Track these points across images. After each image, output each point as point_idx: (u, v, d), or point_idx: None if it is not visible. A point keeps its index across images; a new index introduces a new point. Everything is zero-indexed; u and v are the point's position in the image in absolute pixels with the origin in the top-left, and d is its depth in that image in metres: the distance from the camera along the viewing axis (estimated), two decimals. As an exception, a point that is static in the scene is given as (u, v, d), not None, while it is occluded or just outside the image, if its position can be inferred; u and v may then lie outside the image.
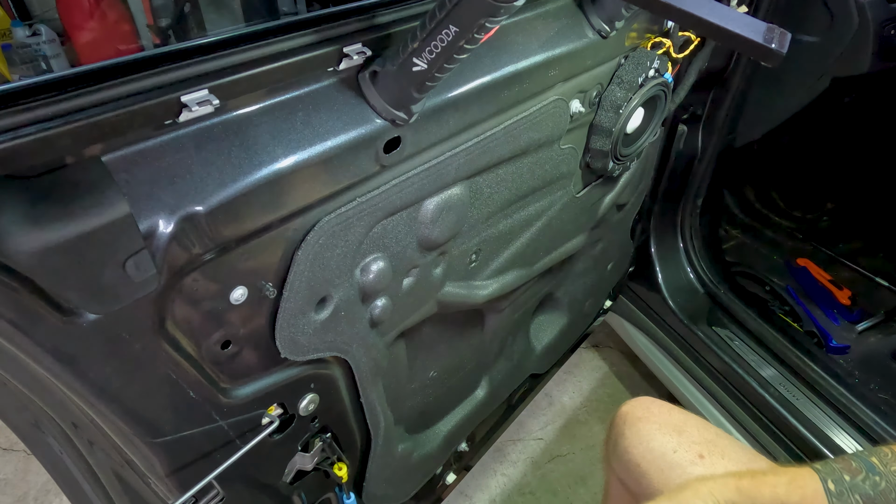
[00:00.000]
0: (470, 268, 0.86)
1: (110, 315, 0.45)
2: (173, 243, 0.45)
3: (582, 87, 0.83)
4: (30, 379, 0.53)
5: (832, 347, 1.44)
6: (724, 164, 1.44)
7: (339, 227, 0.59)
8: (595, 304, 1.51)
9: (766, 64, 0.45)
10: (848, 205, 1.88)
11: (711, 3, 0.46)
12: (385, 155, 0.58)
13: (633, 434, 0.91)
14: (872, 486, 0.66)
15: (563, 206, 0.97)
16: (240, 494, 0.71)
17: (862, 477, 0.67)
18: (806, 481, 0.69)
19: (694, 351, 1.44)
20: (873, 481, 0.67)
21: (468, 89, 0.64)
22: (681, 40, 0.97)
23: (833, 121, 1.65)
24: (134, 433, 0.54)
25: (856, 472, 0.68)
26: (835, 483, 0.67)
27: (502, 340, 1.14)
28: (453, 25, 0.47)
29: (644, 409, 0.93)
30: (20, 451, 1.60)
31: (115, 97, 0.41)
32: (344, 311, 0.66)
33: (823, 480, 0.68)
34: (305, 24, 0.52)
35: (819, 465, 0.70)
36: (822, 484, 0.68)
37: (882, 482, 0.66)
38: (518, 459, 1.61)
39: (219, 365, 0.56)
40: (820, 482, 0.68)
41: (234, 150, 0.48)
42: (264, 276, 0.55)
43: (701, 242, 1.52)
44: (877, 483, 0.66)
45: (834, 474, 0.68)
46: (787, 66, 0.51)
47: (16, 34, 1.69)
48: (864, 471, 0.68)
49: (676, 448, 0.87)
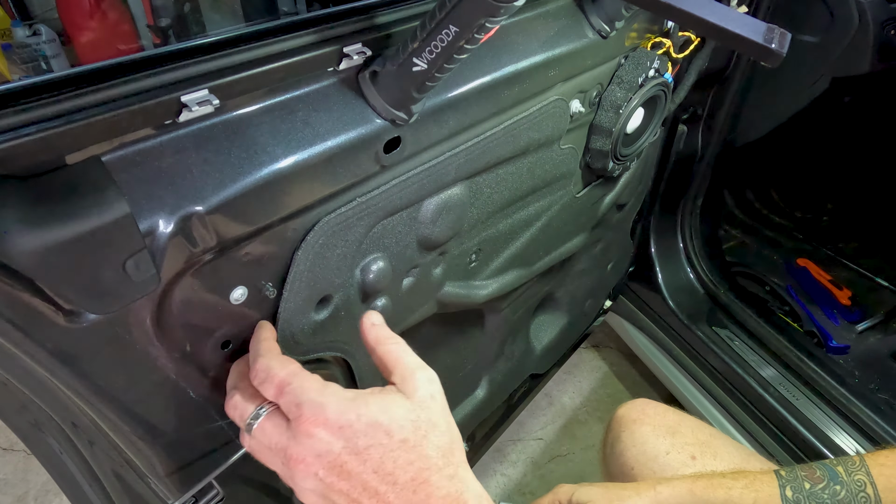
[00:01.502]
0: (470, 268, 0.86)
1: (110, 315, 0.45)
2: (173, 243, 0.45)
3: (582, 87, 0.83)
4: (30, 379, 0.53)
5: (832, 347, 1.44)
6: (724, 164, 1.44)
7: (340, 226, 0.59)
8: (595, 304, 1.51)
9: (767, 64, 0.45)
10: (848, 205, 1.88)
11: (711, 3, 0.46)
12: (385, 155, 0.58)
13: (628, 437, 0.91)
14: (831, 496, 0.67)
15: (563, 206, 0.97)
16: (240, 494, 0.71)
17: (822, 486, 0.68)
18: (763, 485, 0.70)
19: (694, 351, 1.44)
20: (833, 490, 0.67)
21: (468, 89, 0.64)
22: (681, 40, 0.97)
23: (833, 121, 1.65)
24: (134, 433, 0.54)
25: (817, 481, 0.69)
26: (793, 490, 0.68)
27: (502, 340, 1.14)
28: (453, 25, 0.47)
29: (639, 412, 0.94)
30: (20, 451, 1.60)
31: (115, 97, 0.41)
32: (344, 310, 0.66)
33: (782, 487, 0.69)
34: (305, 24, 0.52)
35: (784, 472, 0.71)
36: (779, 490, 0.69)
37: (842, 491, 0.67)
38: (518, 459, 1.61)
39: (219, 364, 0.56)
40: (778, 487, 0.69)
41: (234, 150, 0.48)
42: (264, 276, 0.55)
43: (701, 242, 1.52)
44: (836, 492, 0.67)
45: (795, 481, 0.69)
46: (786, 66, 0.51)
47: (16, 34, 1.69)
48: (826, 479, 0.69)
49: (669, 450, 0.87)
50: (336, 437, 0.42)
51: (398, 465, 0.43)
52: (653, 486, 0.73)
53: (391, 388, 0.47)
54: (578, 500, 0.75)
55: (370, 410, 0.43)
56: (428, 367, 0.49)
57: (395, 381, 0.47)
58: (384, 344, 0.50)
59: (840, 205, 1.88)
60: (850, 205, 1.88)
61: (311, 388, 0.44)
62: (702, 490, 0.71)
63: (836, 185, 1.88)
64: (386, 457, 0.43)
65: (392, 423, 0.43)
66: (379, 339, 0.50)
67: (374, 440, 0.43)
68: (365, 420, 0.43)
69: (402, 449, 0.43)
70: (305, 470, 0.43)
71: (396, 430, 0.43)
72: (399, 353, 0.49)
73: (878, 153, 1.71)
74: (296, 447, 0.43)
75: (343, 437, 0.42)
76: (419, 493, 0.43)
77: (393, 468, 0.43)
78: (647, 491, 0.73)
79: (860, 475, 0.69)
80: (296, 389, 0.44)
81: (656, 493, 0.73)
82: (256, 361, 0.47)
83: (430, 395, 0.47)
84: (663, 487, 0.73)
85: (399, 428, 0.43)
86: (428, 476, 0.43)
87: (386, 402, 0.44)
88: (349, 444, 0.42)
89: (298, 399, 0.44)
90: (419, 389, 0.46)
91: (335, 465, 0.42)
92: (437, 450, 0.44)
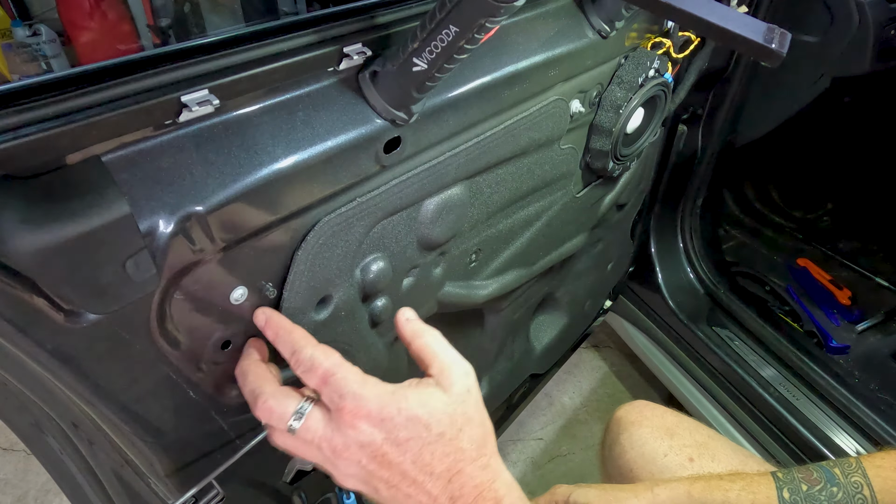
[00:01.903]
0: (470, 268, 0.86)
1: (110, 315, 0.45)
2: (173, 243, 0.45)
3: (582, 87, 0.83)
4: (30, 379, 0.53)
5: (832, 347, 1.44)
6: (724, 164, 1.44)
7: (340, 227, 0.59)
8: (595, 304, 1.51)
9: (767, 64, 0.45)
10: (848, 205, 1.88)
11: (712, 4, 0.46)
12: (385, 155, 0.58)
13: (626, 439, 0.92)
14: (828, 497, 0.68)
15: (563, 206, 0.97)
16: (240, 494, 0.71)
17: (819, 487, 0.69)
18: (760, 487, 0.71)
19: (694, 351, 1.44)
20: (830, 492, 0.68)
21: (468, 89, 0.64)
22: (681, 40, 0.97)
23: (833, 121, 1.65)
24: (134, 433, 0.54)
25: (814, 483, 0.69)
26: (790, 492, 0.69)
27: (502, 340, 1.14)
28: (453, 25, 0.47)
29: (638, 413, 0.94)
30: (20, 451, 1.60)
31: (116, 97, 0.41)
32: (344, 311, 0.66)
33: (779, 489, 0.70)
34: (305, 24, 0.52)
35: (781, 474, 0.72)
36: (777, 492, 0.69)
37: (839, 493, 0.68)
38: (518, 459, 1.61)
39: (219, 365, 0.56)
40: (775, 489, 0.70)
41: (235, 150, 0.48)
42: (264, 276, 0.55)
43: (701, 242, 1.52)
44: (833, 494, 0.68)
45: (792, 483, 0.70)
46: (786, 66, 0.51)
47: (16, 34, 1.69)
48: (823, 481, 0.69)
49: (667, 452, 0.88)
50: (378, 429, 0.45)
51: (435, 456, 0.46)
52: (650, 488, 0.74)
53: (429, 380, 0.49)
54: (576, 500, 0.75)
55: (410, 404, 0.46)
56: (464, 361, 0.50)
57: (433, 373, 0.49)
58: (421, 337, 0.52)
59: (840, 205, 1.88)
60: (850, 205, 1.88)
61: (353, 381, 0.46)
62: (699, 492, 0.72)
63: (836, 184, 1.88)
64: (424, 449, 0.45)
65: (431, 418, 0.46)
66: (415, 332, 0.52)
67: (413, 433, 0.45)
68: (405, 414, 0.45)
69: (440, 442, 0.46)
70: (349, 458, 0.45)
71: (435, 424, 0.46)
72: (436, 346, 0.51)
73: (878, 153, 1.71)
74: (340, 438, 0.45)
75: (384, 429, 0.45)
76: (454, 482, 0.46)
77: (430, 460, 0.45)
78: (644, 493, 0.73)
79: (857, 477, 0.69)
80: (339, 381, 0.46)
81: (654, 494, 0.73)
82: (301, 351, 0.48)
83: (467, 389, 0.49)
84: (661, 489, 0.73)
85: (437, 422, 0.46)
86: (462, 467, 0.46)
87: (424, 396, 0.47)
88: (390, 435, 0.45)
89: (342, 391, 0.45)
90: (456, 384, 0.48)
91: (377, 454, 0.45)
92: (471, 442, 0.47)
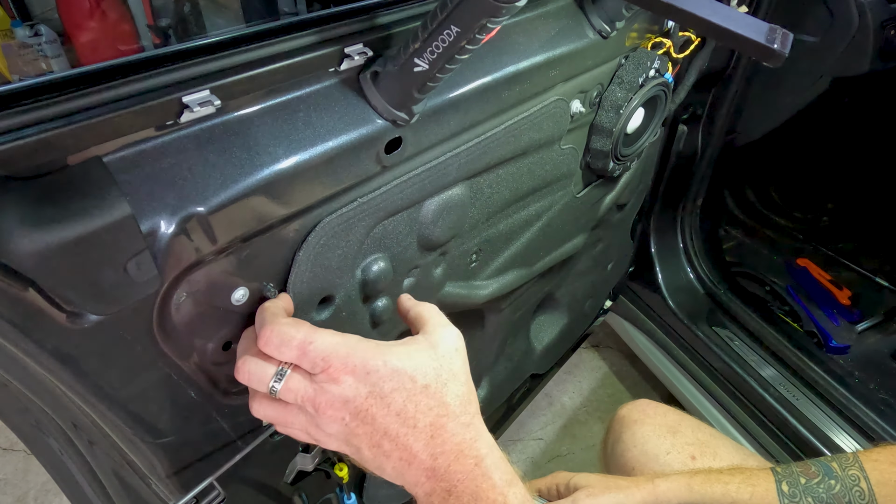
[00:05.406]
0: (470, 268, 0.86)
1: (112, 316, 0.45)
2: (175, 244, 0.45)
3: (582, 87, 0.83)
4: (31, 380, 0.53)
5: (832, 347, 1.44)
6: (724, 164, 1.44)
7: (341, 227, 0.59)
8: (595, 305, 1.51)
9: (768, 64, 0.45)
10: (848, 205, 1.88)
11: (712, 4, 0.46)
12: (386, 155, 0.58)
13: (629, 437, 0.92)
14: (826, 490, 0.69)
15: (563, 207, 0.97)
16: (241, 495, 0.71)
17: (818, 480, 0.70)
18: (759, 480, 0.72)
19: (694, 351, 1.44)
20: (828, 485, 0.69)
21: (469, 89, 0.64)
22: (681, 40, 0.97)
23: (833, 121, 1.66)
24: (135, 434, 0.54)
25: (813, 476, 0.71)
26: (789, 485, 0.70)
27: (502, 340, 1.14)
28: (455, 26, 0.47)
29: (640, 412, 0.94)
30: (20, 451, 1.60)
31: (116, 98, 0.41)
32: (345, 311, 0.66)
33: (778, 482, 0.71)
34: (306, 25, 0.52)
35: (780, 468, 0.73)
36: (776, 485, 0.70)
37: (837, 486, 0.69)
38: (518, 459, 1.61)
39: (220, 366, 0.56)
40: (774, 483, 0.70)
41: (236, 150, 0.48)
42: (265, 277, 0.55)
43: (701, 242, 1.52)
44: (831, 486, 0.69)
45: (790, 476, 0.71)
46: (787, 66, 0.51)
47: (16, 34, 1.69)
48: (821, 475, 0.71)
49: (669, 450, 0.88)
50: (363, 382, 0.44)
51: (419, 409, 0.45)
52: (651, 480, 0.74)
53: (416, 337, 0.49)
54: (577, 483, 0.76)
55: (396, 356, 0.45)
56: (455, 328, 0.51)
57: (422, 333, 0.49)
58: (417, 306, 0.53)
59: (840, 205, 1.88)
60: (850, 205, 1.88)
61: (334, 342, 0.45)
62: (699, 485, 0.72)
63: (836, 185, 1.88)
64: (409, 400, 0.45)
65: (416, 370, 0.45)
66: (413, 304, 0.53)
67: (398, 384, 0.45)
68: (391, 366, 0.45)
69: (424, 394, 0.45)
70: (333, 415, 0.44)
71: (420, 376, 0.45)
72: (430, 313, 0.52)
73: (878, 153, 1.71)
74: (323, 395, 0.44)
75: (369, 382, 0.44)
76: (436, 437, 0.45)
77: (414, 412, 0.45)
78: (645, 484, 0.74)
79: (854, 470, 0.70)
80: (319, 346, 0.45)
81: (654, 486, 0.73)
82: (263, 328, 0.46)
83: (455, 348, 0.49)
84: (661, 481, 0.74)
85: (422, 375, 0.46)
86: (445, 422, 0.46)
87: (410, 349, 0.47)
88: (375, 388, 0.44)
89: (324, 353, 0.45)
90: (443, 342, 0.48)
91: (360, 410, 0.44)
92: (456, 398, 0.47)
